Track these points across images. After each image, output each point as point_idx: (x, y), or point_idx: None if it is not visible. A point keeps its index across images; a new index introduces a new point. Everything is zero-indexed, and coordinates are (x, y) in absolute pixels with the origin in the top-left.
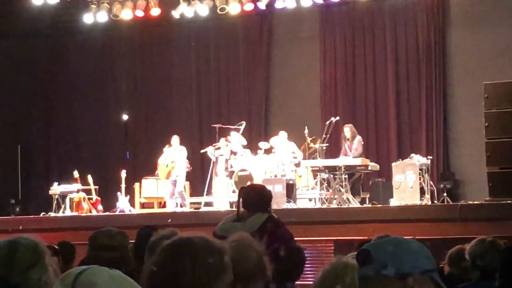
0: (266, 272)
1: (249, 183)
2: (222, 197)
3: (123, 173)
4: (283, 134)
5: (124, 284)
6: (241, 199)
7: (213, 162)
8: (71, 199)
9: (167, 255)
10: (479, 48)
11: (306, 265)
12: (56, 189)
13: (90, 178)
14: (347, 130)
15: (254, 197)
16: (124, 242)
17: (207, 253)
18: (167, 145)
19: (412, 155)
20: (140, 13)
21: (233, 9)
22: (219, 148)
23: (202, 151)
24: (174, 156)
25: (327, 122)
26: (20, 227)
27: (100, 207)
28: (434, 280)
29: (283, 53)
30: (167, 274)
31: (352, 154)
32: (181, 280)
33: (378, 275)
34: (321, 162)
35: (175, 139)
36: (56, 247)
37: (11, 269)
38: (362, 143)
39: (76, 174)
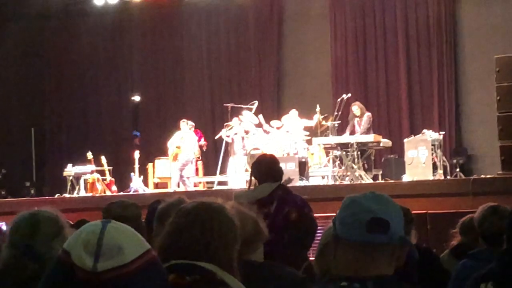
0: (263, 235)
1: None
2: (238, 175)
3: (136, 154)
4: (293, 113)
5: (140, 239)
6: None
7: (229, 142)
8: (85, 180)
9: (195, 215)
10: (489, 21)
11: (319, 240)
12: (70, 170)
13: (103, 159)
14: (356, 108)
15: (263, 168)
16: (137, 213)
17: (230, 218)
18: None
19: (424, 130)
20: None
21: None
22: (232, 128)
23: (216, 137)
24: (179, 141)
25: (339, 99)
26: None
27: (114, 187)
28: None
29: (294, 32)
30: (195, 234)
31: (360, 131)
32: (210, 239)
33: (388, 244)
34: (333, 140)
35: (183, 124)
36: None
37: (35, 239)
38: (371, 119)
39: (89, 155)
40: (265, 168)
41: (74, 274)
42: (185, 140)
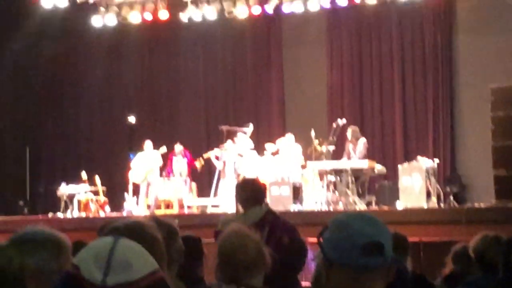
0: (266, 260)
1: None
2: (230, 199)
3: (131, 174)
4: (290, 137)
5: (149, 257)
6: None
7: (218, 166)
8: (78, 200)
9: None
10: (485, 51)
11: (313, 266)
12: (64, 190)
13: (97, 179)
14: (350, 132)
15: (248, 191)
16: None
17: (153, 235)
18: (138, 152)
19: (418, 157)
20: (148, 16)
21: (241, 12)
22: (225, 150)
23: (205, 155)
24: (149, 161)
25: (334, 124)
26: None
27: (107, 208)
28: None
29: (291, 57)
30: None
31: (356, 156)
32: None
33: (383, 265)
34: (328, 165)
35: (148, 144)
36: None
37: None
38: (367, 145)
39: (84, 175)
40: (249, 192)
41: None
42: (153, 161)
